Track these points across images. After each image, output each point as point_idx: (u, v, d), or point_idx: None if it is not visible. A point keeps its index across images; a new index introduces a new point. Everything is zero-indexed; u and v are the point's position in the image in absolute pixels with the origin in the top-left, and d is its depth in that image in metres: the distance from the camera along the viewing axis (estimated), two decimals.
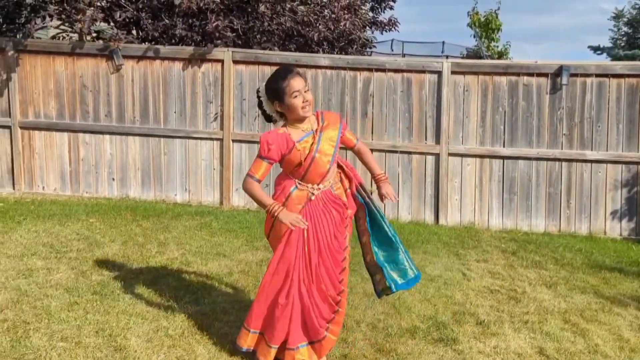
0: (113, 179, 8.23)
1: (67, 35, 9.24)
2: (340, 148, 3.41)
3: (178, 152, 8.13)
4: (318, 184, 3.28)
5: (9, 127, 8.19)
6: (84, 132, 8.19)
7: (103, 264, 4.86)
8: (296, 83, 3.19)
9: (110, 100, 8.17)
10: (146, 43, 8.52)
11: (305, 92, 3.20)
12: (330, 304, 3.28)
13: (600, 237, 7.40)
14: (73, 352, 3.19)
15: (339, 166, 3.45)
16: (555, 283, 5.24)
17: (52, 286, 4.20)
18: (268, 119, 3.39)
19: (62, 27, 8.99)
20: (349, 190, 3.43)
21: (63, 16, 8.21)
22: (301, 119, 3.26)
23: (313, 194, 3.26)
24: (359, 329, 3.87)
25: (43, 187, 8.27)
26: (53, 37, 9.21)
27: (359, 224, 3.54)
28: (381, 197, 3.51)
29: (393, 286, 3.37)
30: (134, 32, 8.79)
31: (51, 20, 8.63)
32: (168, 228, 6.36)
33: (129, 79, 8.12)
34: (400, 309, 4.31)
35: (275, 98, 3.25)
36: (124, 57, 8.00)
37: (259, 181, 3.21)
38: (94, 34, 8.35)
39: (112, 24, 8.73)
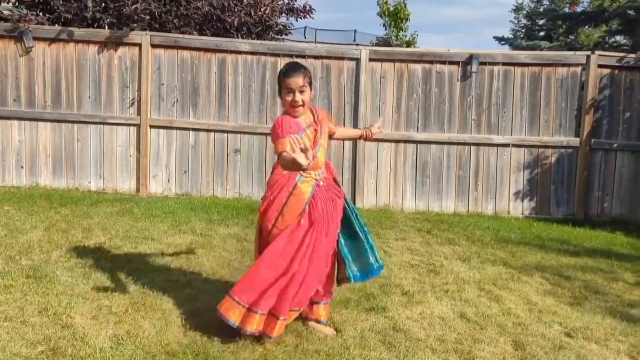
0: (22, 167, 7.86)
1: None
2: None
3: (92, 138, 7.89)
4: (317, 172, 3.47)
5: None
6: None
7: (30, 249, 4.71)
8: (291, 81, 3.32)
9: (19, 84, 7.78)
10: (57, 25, 8.16)
11: (300, 92, 3.33)
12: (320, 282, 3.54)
13: (505, 216, 8.04)
14: (21, 330, 3.14)
15: None
16: (469, 257, 5.69)
17: None
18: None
19: None
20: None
21: None
22: (293, 115, 3.40)
23: (317, 179, 3.44)
24: None
25: None
26: None
27: None
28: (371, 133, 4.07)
29: (352, 278, 3.62)
30: (40, 13, 8.37)
31: None
32: (89, 214, 6.20)
33: (39, 62, 7.77)
34: None
35: (278, 87, 3.45)
36: (35, 39, 7.65)
37: None
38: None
39: (17, 3, 8.29)
